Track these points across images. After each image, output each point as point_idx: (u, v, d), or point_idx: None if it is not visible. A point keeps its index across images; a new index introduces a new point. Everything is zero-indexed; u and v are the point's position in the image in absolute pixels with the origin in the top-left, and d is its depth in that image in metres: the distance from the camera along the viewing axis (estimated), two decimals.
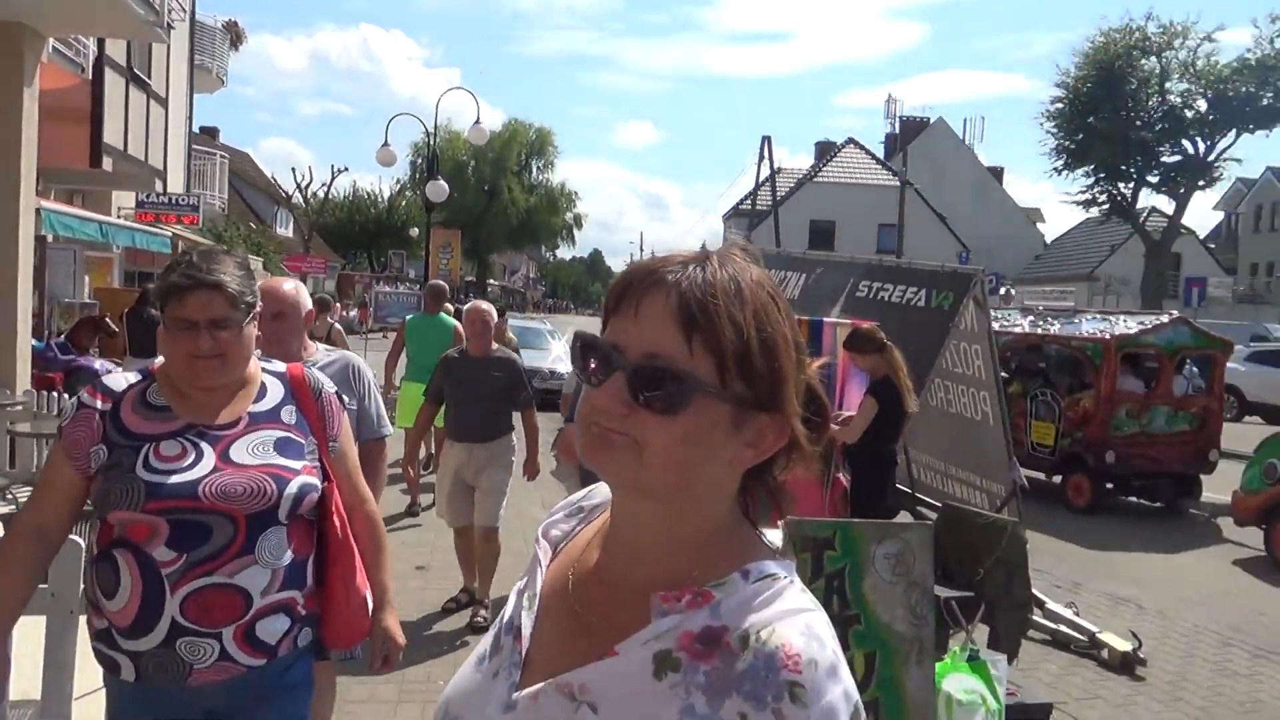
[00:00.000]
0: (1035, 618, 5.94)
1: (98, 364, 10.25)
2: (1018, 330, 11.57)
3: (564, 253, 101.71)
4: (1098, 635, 5.68)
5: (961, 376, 7.42)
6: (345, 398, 3.05)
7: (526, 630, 1.00)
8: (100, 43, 11.66)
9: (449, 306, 9.09)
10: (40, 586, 2.91)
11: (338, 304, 9.27)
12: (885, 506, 5.46)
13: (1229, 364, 20.60)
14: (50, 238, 12.46)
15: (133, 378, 2.17)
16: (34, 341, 10.29)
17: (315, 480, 2.12)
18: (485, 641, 1.05)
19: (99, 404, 2.07)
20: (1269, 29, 31.70)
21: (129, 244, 10.54)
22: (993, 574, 4.68)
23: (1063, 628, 5.88)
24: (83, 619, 2.90)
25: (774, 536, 1.02)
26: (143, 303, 9.59)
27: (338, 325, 10.68)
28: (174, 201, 17.05)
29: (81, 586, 3.09)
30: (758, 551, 0.96)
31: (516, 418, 5.76)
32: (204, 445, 2.04)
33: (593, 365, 0.93)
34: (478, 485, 5.50)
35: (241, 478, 2.01)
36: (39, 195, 12.58)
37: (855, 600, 3.20)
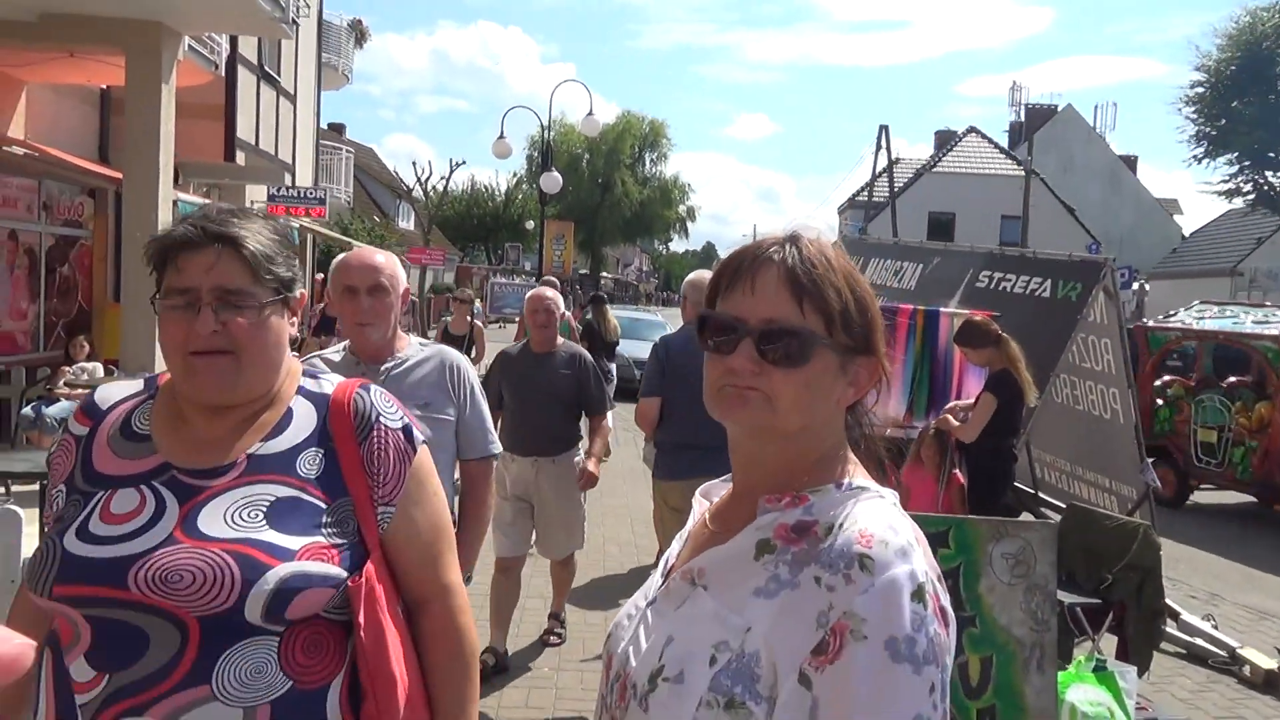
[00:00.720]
0: (1169, 629, 5.59)
1: None
2: (1177, 326, 10.71)
3: (677, 245, 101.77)
4: (1239, 650, 5.30)
5: (1089, 372, 7.03)
6: (441, 413, 2.72)
7: (675, 551, 1.24)
8: (233, 41, 12.18)
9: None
10: None
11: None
12: (1003, 505, 5.21)
13: None
14: None
15: (132, 388, 1.52)
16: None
17: (327, 568, 1.33)
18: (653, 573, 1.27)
19: (77, 428, 1.46)
20: None
21: None
22: (1123, 580, 4.40)
23: (1199, 641, 5.51)
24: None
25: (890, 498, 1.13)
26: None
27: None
28: (302, 195, 17.71)
29: (22, 557, 3.09)
30: (859, 474, 1.13)
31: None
32: (170, 501, 1.35)
33: (718, 338, 1.11)
34: (545, 509, 4.66)
35: (195, 558, 1.28)
36: (177, 188, 13.28)
37: (970, 601, 3.03)
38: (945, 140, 48.90)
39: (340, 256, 2.78)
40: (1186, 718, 4.34)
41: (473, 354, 9.83)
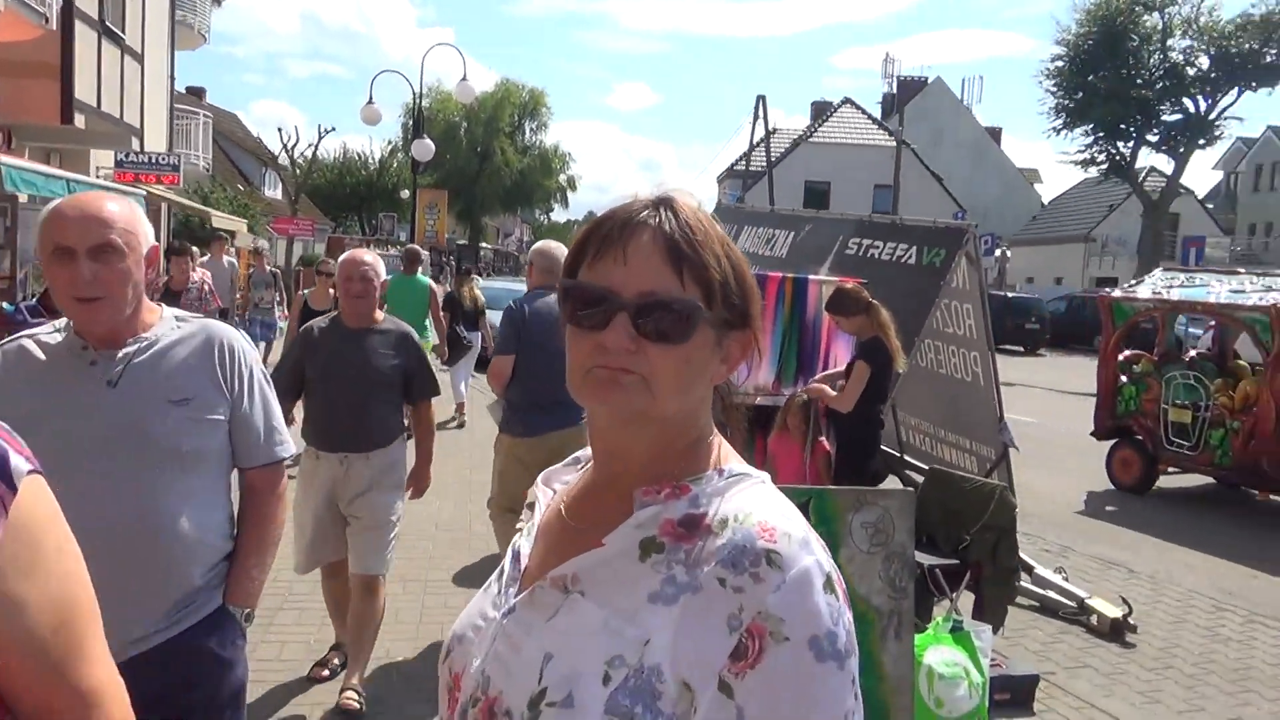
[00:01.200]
0: (1024, 584, 5.79)
1: None
2: (1149, 296, 9.59)
3: (559, 215, 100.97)
4: (1087, 601, 5.53)
5: (952, 336, 7.21)
6: (208, 412, 2.06)
7: (525, 550, 1.11)
8: None
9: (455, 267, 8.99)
10: None
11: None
12: (871, 471, 5.27)
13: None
14: (24, 198, 12.17)
15: None
16: (4, 304, 10.04)
17: None
18: (490, 577, 1.13)
19: None
20: None
21: None
22: (979, 540, 4.51)
23: (1051, 593, 5.72)
24: None
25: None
26: None
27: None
28: (154, 161, 16.67)
29: None
30: (731, 457, 1.07)
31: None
32: None
33: (586, 311, 0.99)
34: (355, 514, 3.88)
35: None
36: (11, 152, 12.26)
37: None
38: (821, 111, 49.81)
39: (50, 205, 2.03)
40: (1038, 671, 4.48)
41: None
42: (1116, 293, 10.14)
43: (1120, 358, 9.82)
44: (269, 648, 4.42)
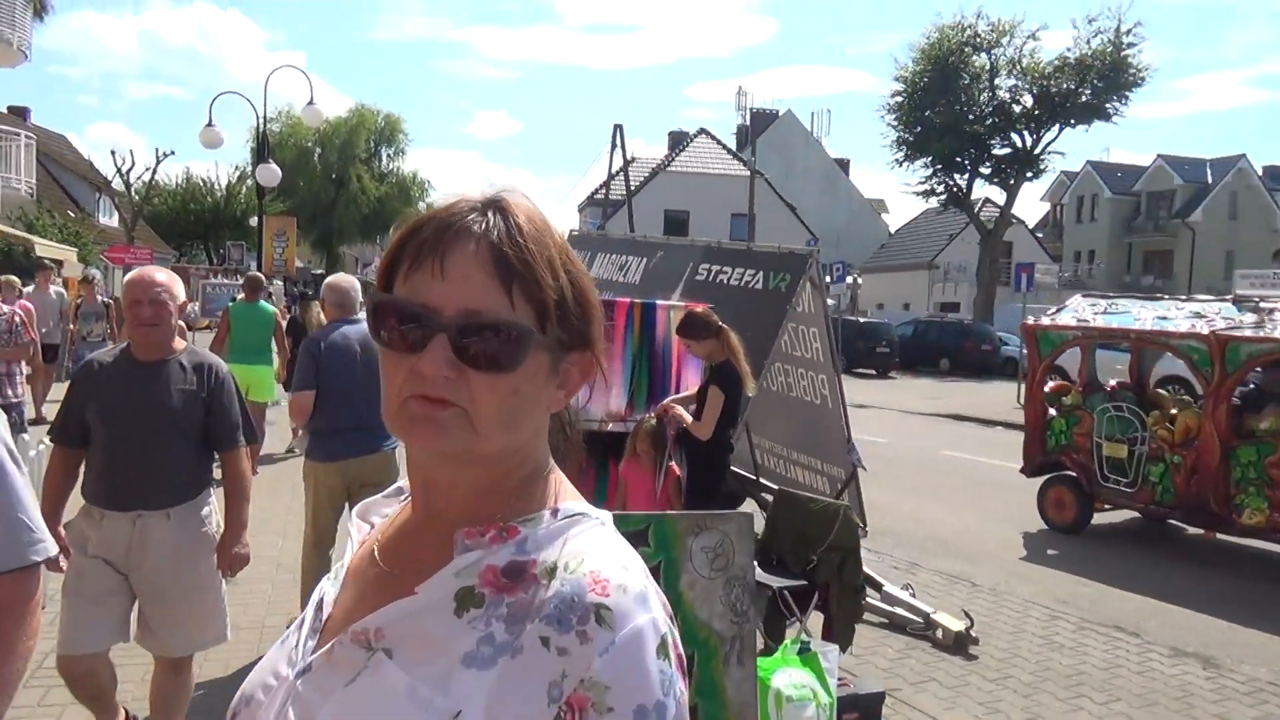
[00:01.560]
0: (874, 601, 5.89)
1: None
2: (1074, 325, 9.05)
3: None
4: (932, 616, 5.66)
5: (800, 360, 7.35)
6: None
7: (330, 598, 0.97)
8: None
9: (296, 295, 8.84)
10: None
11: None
12: (721, 494, 5.26)
13: None
14: None
15: None
16: None
17: None
18: (290, 627, 0.99)
19: None
20: (1086, 29, 33.92)
21: None
22: (826, 560, 4.55)
23: (899, 610, 5.84)
24: None
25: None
26: None
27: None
28: None
29: None
30: (568, 494, 0.94)
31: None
32: None
33: (399, 330, 0.86)
34: (154, 587, 3.26)
35: None
36: None
37: (672, 599, 2.94)
38: (678, 141, 50.77)
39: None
40: (885, 688, 4.53)
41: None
42: (1044, 320, 9.48)
43: (1046, 389, 9.26)
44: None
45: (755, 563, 4.70)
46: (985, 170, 36.19)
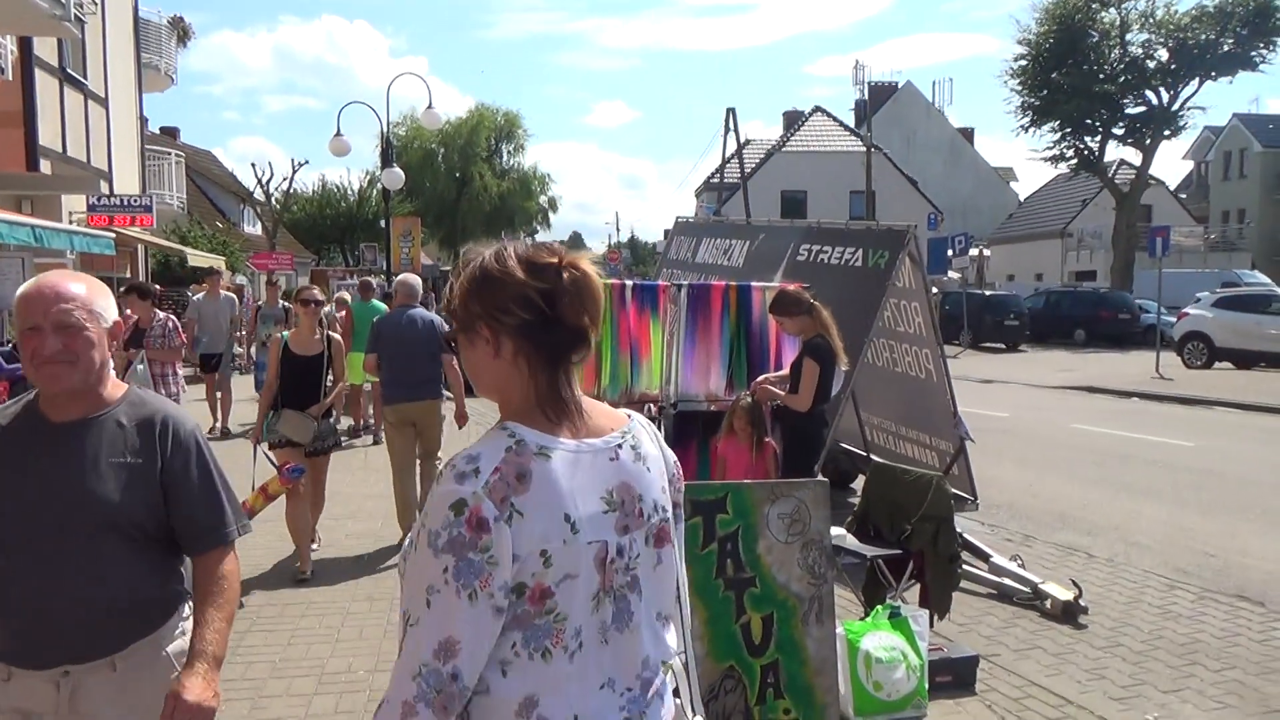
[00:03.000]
0: (980, 571, 5.91)
1: None
2: None
3: (543, 236, 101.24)
4: (1040, 586, 5.64)
5: (904, 335, 7.37)
6: None
7: None
8: (25, 43, 11.39)
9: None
10: None
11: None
12: (816, 465, 5.39)
13: (1195, 310, 20.85)
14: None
15: None
16: None
17: None
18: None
19: None
20: None
21: (66, 247, 10.32)
22: (920, 530, 4.63)
23: (1006, 580, 5.84)
24: None
25: None
26: None
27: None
28: (126, 203, 16.77)
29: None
30: (516, 416, 1.48)
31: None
32: None
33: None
34: None
35: None
36: None
37: (750, 563, 3.13)
38: (793, 120, 50.22)
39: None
40: (986, 653, 4.58)
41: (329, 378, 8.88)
42: None
43: None
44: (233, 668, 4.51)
45: (853, 534, 4.84)
46: (1118, 131, 34.49)
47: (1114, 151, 36.64)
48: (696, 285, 5.98)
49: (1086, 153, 35.06)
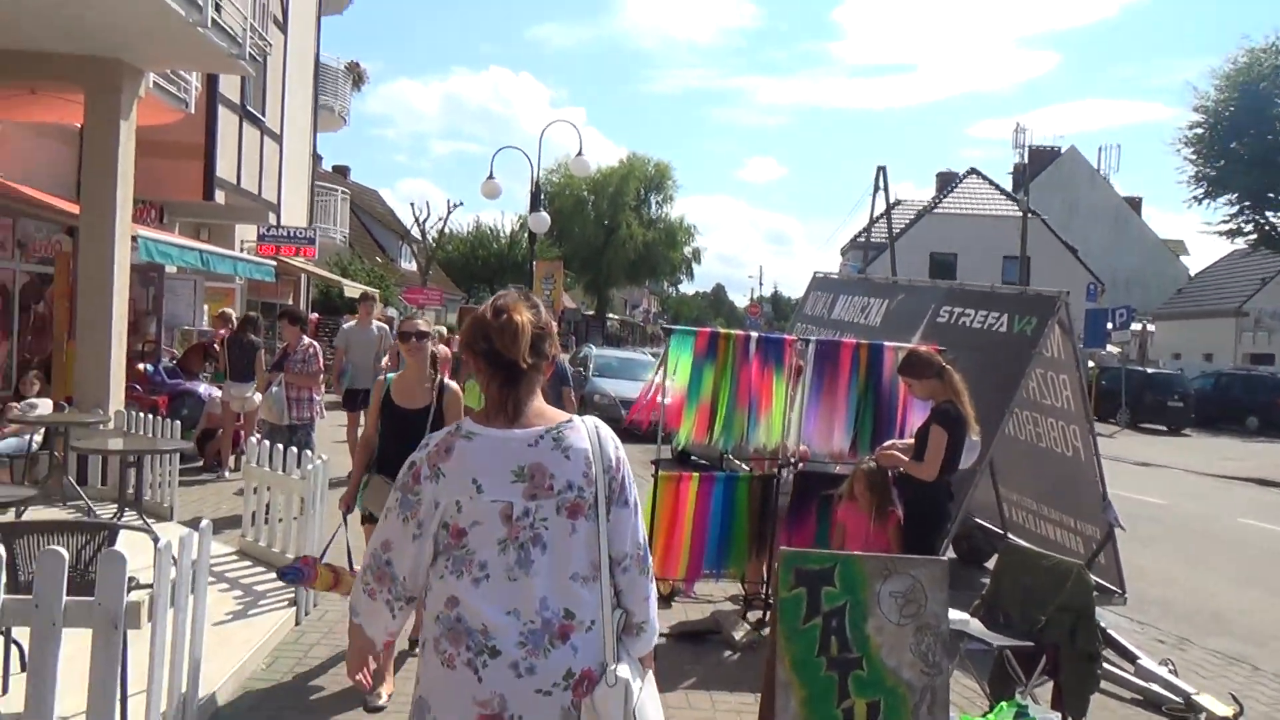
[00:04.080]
0: (1126, 674, 5.38)
1: (201, 389, 10.64)
2: None
3: (686, 287, 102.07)
4: (1194, 697, 5.07)
5: (1050, 409, 6.89)
6: None
7: None
8: (211, 80, 12.27)
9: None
10: (27, 598, 2.90)
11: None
12: (940, 541, 5.02)
13: None
14: (174, 269, 13.14)
15: None
16: (147, 366, 10.82)
17: None
18: None
19: None
20: None
21: (230, 271, 10.95)
22: (1056, 621, 4.23)
23: (1155, 686, 5.28)
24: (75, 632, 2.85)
25: None
26: (243, 329, 9.87)
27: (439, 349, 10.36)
28: (291, 234, 17.76)
29: (64, 600, 2.87)
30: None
31: None
32: None
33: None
34: None
35: None
36: (162, 227, 13.31)
37: (857, 642, 2.88)
38: (947, 181, 49.01)
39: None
40: None
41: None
42: None
43: None
44: None
45: (980, 620, 4.47)
46: None
47: None
48: (824, 341, 5.73)
49: (1267, 227, 32.70)
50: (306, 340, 8.06)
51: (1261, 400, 26.76)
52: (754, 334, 5.54)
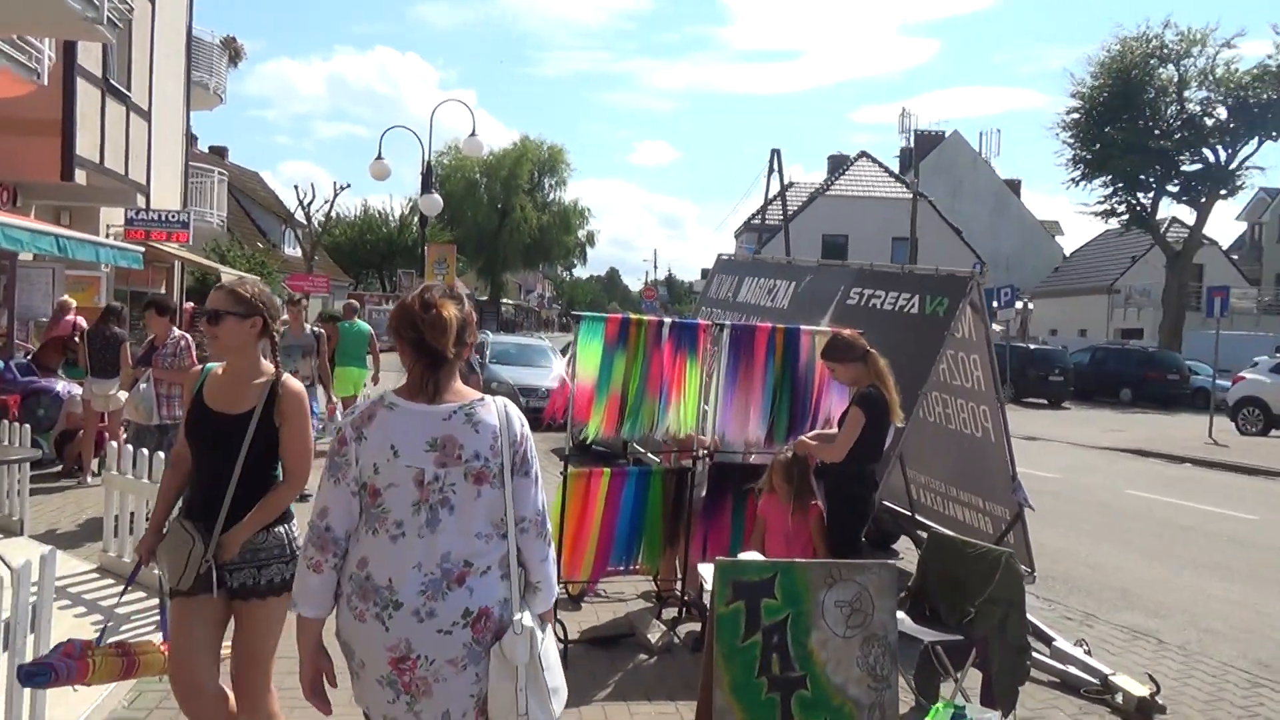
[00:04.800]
0: (1043, 658, 5.32)
1: (59, 386, 9.78)
2: None
3: (581, 271, 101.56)
4: (1111, 678, 5.04)
5: (960, 389, 6.82)
6: None
7: None
8: (66, 49, 11.25)
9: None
10: None
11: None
12: (860, 536, 4.84)
13: (1252, 375, 19.99)
14: (29, 256, 12.08)
15: None
16: None
17: None
18: None
19: None
20: None
21: (92, 259, 10.07)
22: (985, 614, 4.09)
23: (1072, 669, 5.23)
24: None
25: None
26: (106, 320, 9.05)
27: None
28: (163, 218, 16.65)
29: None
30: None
31: None
32: None
33: None
34: None
35: None
36: (16, 211, 12.21)
37: (800, 659, 2.62)
38: (838, 165, 49.86)
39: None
40: None
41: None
42: None
43: None
44: None
45: (905, 613, 4.29)
46: (1173, 189, 33.70)
47: (1167, 209, 35.85)
48: (740, 326, 5.47)
49: (1138, 208, 34.28)
50: (177, 332, 7.40)
51: (1134, 373, 28.01)
52: (667, 320, 5.24)
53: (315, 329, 9.83)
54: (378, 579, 2.17)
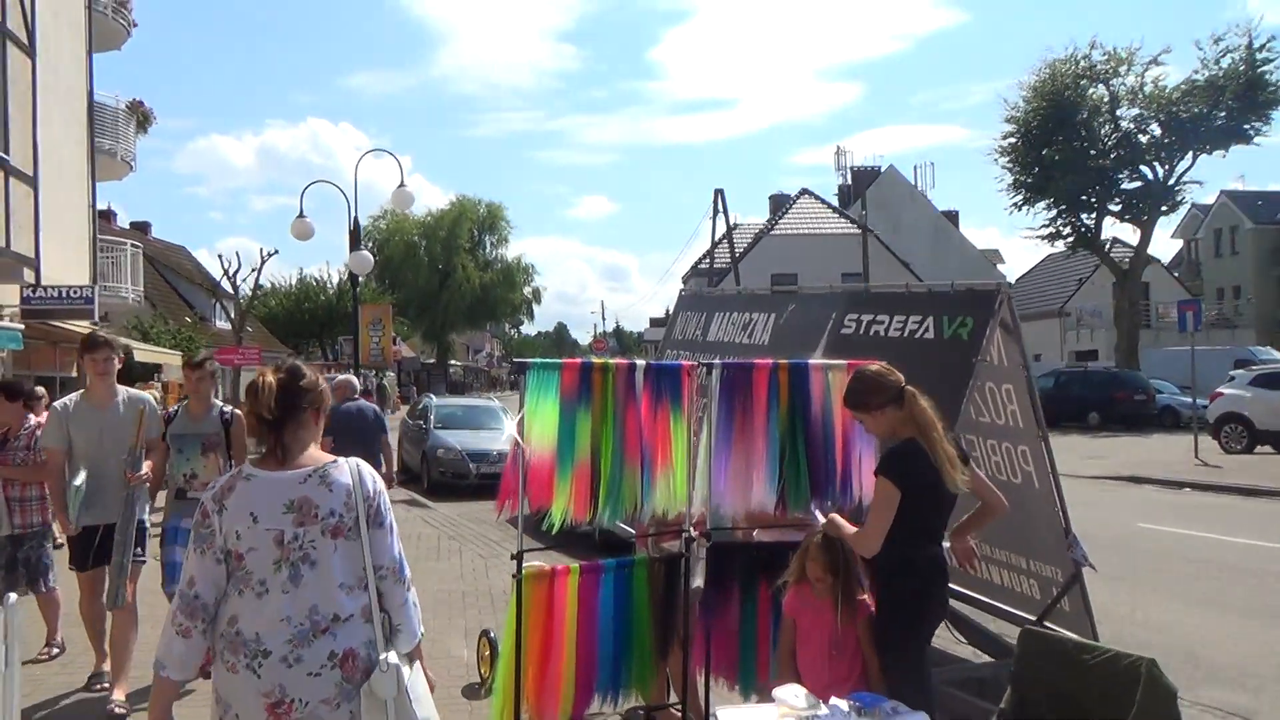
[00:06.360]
0: None
1: None
2: None
3: (529, 328, 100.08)
4: None
5: (991, 428, 5.69)
6: None
7: None
8: None
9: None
10: None
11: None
12: (916, 649, 3.54)
13: (1231, 390, 19.29)
14: None
15: None
16: None
17: None
18: None
19: None
20: (1213, 50, 31.27)
21: None
22: None
23: None
24: None
25: None
26: None
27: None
28: (63, 295, 15.13)
29: None
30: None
31: None
32: None
33: None
34: None
35: None
36: None
37: None
38: (779, 205, 49.48)
39: None
40: None
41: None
42: None
43: None
44: None
45: None
46: (1114, 207, 33.60)
47: (1110, 228, 35.76)
48: (733, 364, 4.26)
49: (1084, 230, 34.11)
50: (34, 420, 6.03)
51: (1100, 396, 27.40)
52: (640, 362, 4.00)
53: (227, 410, 5.88)
54: (246, 633, 2.34)
